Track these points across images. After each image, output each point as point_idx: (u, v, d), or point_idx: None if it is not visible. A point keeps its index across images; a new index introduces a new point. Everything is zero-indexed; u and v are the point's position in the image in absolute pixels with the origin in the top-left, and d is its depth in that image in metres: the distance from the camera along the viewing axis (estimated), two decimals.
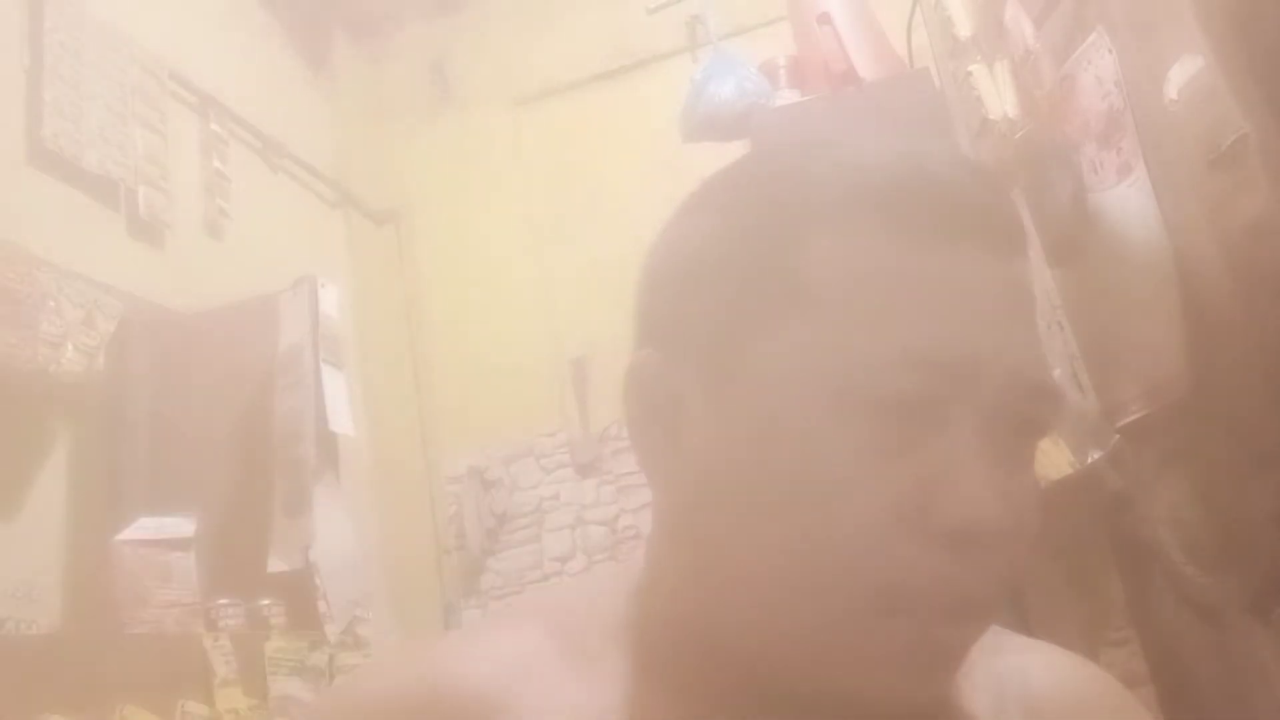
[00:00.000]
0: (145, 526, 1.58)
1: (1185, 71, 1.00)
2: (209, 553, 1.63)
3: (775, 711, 0.44)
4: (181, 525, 1.62)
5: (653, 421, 0.47)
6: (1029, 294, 0.45)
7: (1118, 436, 1.32)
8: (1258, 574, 1.03)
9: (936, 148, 0.46)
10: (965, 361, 0.41)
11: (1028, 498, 0.43)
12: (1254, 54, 0.90)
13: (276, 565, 1.67)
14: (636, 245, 0.52)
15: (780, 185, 0.46)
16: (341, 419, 1.77)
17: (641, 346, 0.48)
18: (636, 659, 0.47)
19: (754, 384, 0.43)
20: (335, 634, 1.72)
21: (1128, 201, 1.19)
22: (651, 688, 0.46)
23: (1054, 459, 1.33)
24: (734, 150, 1.76)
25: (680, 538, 0.47)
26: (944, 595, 0.40)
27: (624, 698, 0.46)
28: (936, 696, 0.43)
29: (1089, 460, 1.33)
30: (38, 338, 1.46)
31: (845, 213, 0.43)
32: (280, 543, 1.68)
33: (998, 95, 1.45)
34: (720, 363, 0.44)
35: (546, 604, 0.55)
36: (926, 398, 0.41)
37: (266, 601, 1.66)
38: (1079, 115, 1.27)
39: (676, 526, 0.48)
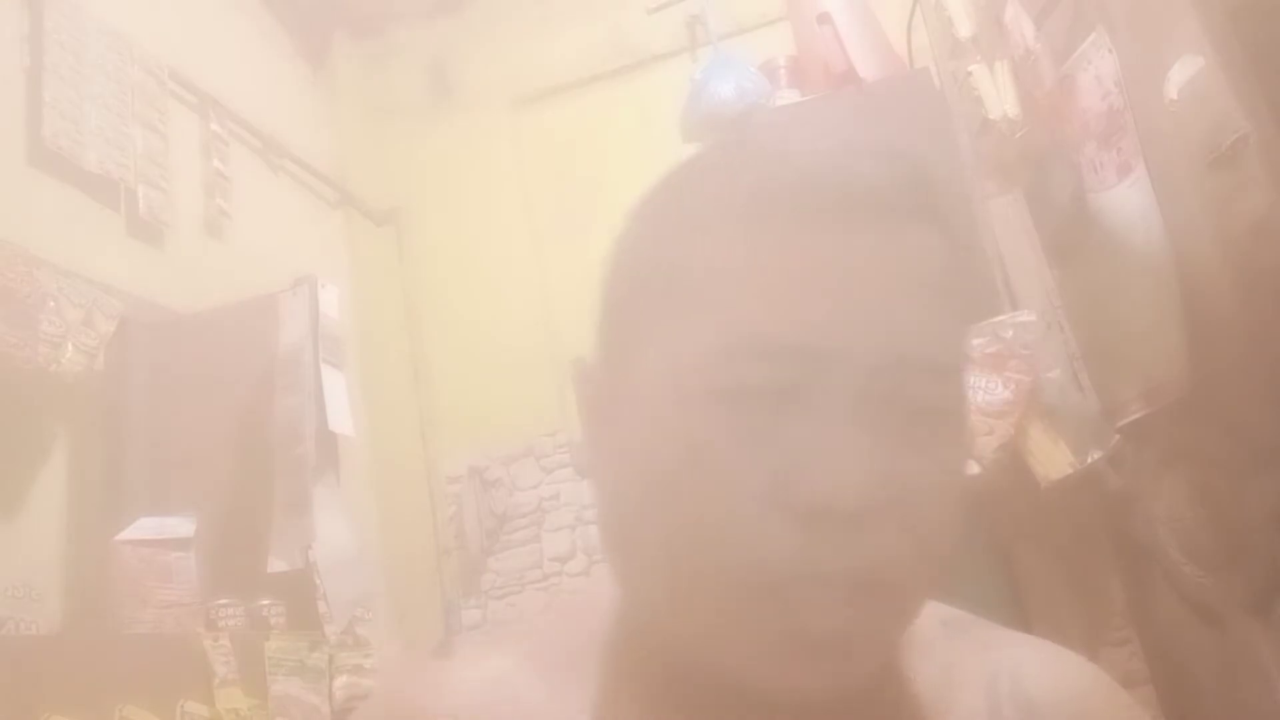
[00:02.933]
0: (145, 526, 1.58)
1: (1185, 71, 1.00)
2: (209, 553, 1.63)
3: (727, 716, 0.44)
4: (181, 525, 1.61)
5: (588, 425, 0.48)
6: (921, 267, 0.43)
7: (1118, 436, 1.32)
8: (1257, 573, 1.03)
9: (826, 130, 0.46)
10: (819, 345, 0.40)
11: (926, 477, 0.41)
12: (1254, 54, 0.91)
13: (276, 565, 1.67)
14: None
15: (669, 188, 0.48)
16: (341, 419, 1.77)
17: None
18: (604, 673, 0.48)
19: (636, 385, 0.44)
20: (335, 634, 1.72)
21: (1128, 201, 1.19)
22: (620, 701, 0.47)
23: (1054, 459, 1.33)
24: None
25: (605, 539, 0.48)
26: (810, 575, 0.39)
27: (593, 713, 0.46)
28: (838, 686, 0.41)
29: (1089, 460, 1.33)
30: (38, 337, 1.46)
31: (720, 211, 0.44)
32: (280, 542, 1.68)
33: (998, 95, 1.45)
34: (625, 365, 0.45)
35: (532, 623, 0.56)
36: (778, 384, 0.40)
37: (266, 601, 1.66)
38: (1079, 115, 1.27)
39: (602, 528, 0.49)
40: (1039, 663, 0.50)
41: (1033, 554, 1.43)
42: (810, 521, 0.39)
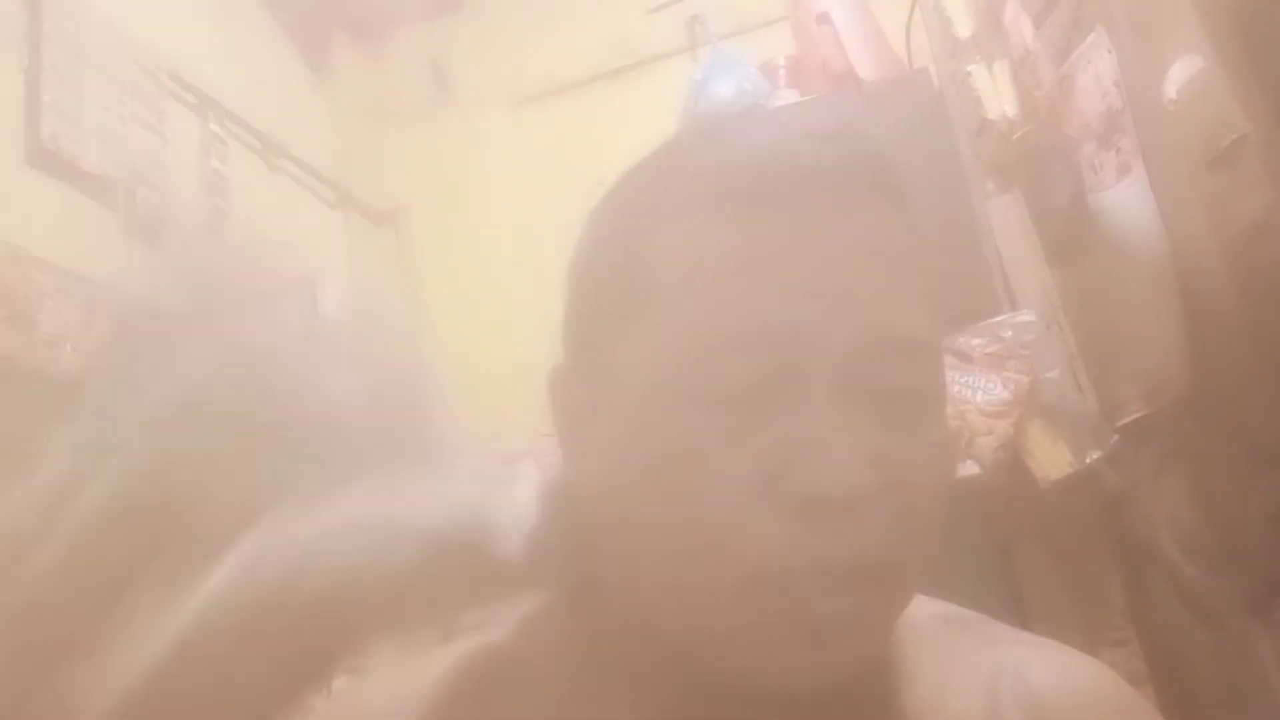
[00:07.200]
0: None
1: (1185, 71, 1.00)
2: None
3: (719, 713, 0.43)
4: None
5: (566, 432, 0.49)
6: (885, 245, 0.42)
7: (1117, 436, 1.32)
8: (1256, 574, 1.03)
9: (775, 114, 0.47)
10: (794, 335, 0.40)
11: (915, 457, 0.41)
12: (1254, 54, 0.91)
13: None
14: None
15: (626, 187, 0.48)
16: None
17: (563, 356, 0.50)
18: (590, 671, 0.47)
19: (621, 388, 0.43)
20: None
21: (1127, 201, 1.19)
22: (601, 699, 0.46)
23: (1054, 459, 1.33)
24: None
25: (595, 543, 0.47)
26: (810, 566, 0.39)
27: (578, 709, 0.46)
28: (838, 675, 0.40)
29: (1088, 460, 1.33)
30: (36, 338, 1.46)
31: (678, 204, 0.43)
32: None
33: (997, 95, 1.45)
34: (599, 369, 0.45)
35: (534, 614, 0.55)
36: (761, 377, 0.40)
37: None
38: (1078, 115, 1.27)
39: (593, 532, 0.48)
40: (1044, 660, 0.49)
41: (1032, 554, 1.43)
42: (808, 512, 0.39)
